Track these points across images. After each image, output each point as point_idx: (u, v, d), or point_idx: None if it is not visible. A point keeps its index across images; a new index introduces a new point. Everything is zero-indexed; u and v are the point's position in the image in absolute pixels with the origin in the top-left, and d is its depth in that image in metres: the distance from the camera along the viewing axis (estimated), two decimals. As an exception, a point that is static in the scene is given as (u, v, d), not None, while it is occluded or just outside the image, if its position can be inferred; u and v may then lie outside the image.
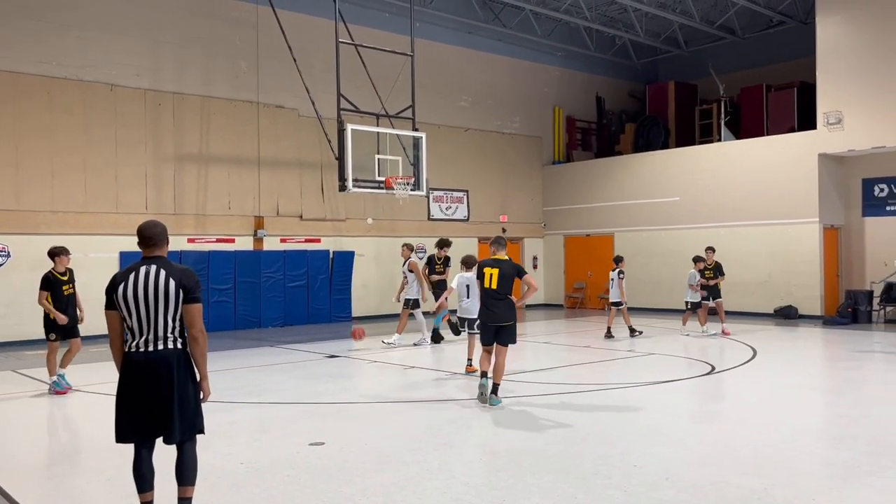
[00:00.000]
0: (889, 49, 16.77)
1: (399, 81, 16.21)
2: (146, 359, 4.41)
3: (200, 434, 4.61)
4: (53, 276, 9.23)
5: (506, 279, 8.29)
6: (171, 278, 4.46)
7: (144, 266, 4.50)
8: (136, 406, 4.40)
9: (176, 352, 4.47)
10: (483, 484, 5.46)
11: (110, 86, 15.84)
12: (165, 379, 4.39)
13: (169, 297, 4.43)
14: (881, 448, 6.34)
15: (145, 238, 4.57)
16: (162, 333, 4.44)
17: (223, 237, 17.26)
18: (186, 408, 4.46)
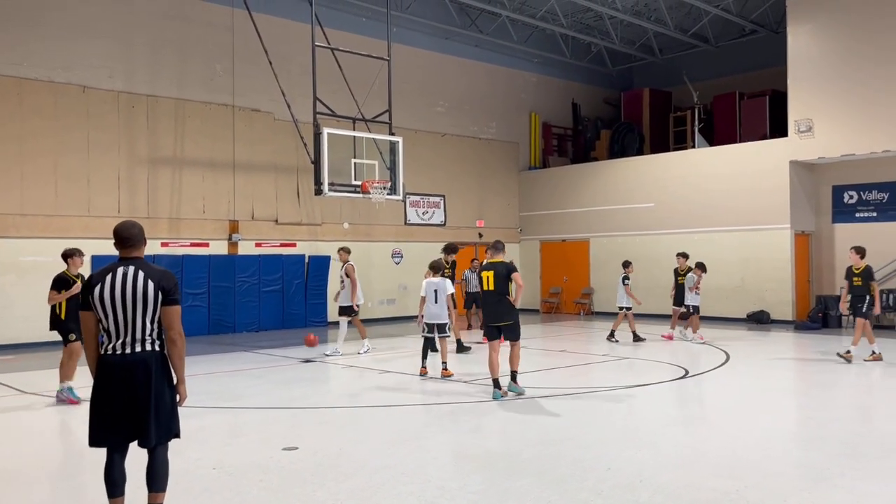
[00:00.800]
0: (859, 58, 17.08)
1: (376, 86, 16.19)
2: (122, 361, 4.33)
3: (176, 438, 4.54)
4: (67, 276, 8.90)
5: (500, 280, 8.96)
6: (149, 280, 4.39)
7: (122, 267, 4.42)
8: (111, 409, 4.31)
9: (154, 354, 4.40)
10: (458, 487, 5.44)
11: (83, 87, 15.64)
12: (142, 382, 4.31)
13: (147, 299, 4.37)
14: (850, 450, 6.43)
15: (123, 238, 4.49)
16: (139, 335, 4.37)
17: (197, 241, 17.09)
18: (163, 411, 4.39)
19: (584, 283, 22.24)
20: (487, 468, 6.00)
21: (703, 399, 9.35)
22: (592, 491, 5.31)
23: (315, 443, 6.87)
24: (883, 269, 17.63)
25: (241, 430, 7.59)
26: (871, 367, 11.65)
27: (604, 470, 5.85)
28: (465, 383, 10.00)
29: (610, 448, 6.61)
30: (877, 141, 16.84)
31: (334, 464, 6.13)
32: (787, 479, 5.68)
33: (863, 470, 5.81)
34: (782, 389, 9.97)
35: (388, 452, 6.47)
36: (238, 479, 5.73)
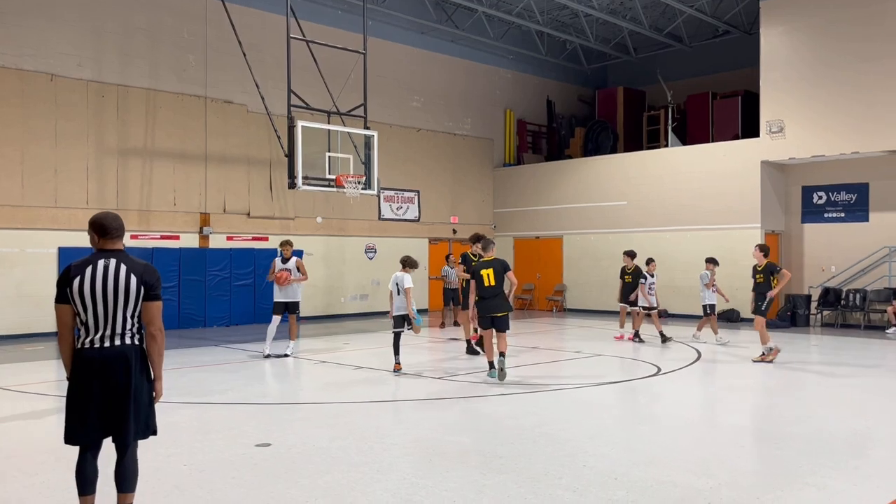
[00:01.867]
0: (830, 61, 17.33)
1: (351, 79, 16.07)
2: (101, 356, 4.21)
3: (153, 435, 4.45)
4: None
5: (498, 276, 9.91)
6: (132, 273, 4.28)
7: (102, 259, 4.28)
8: (88, 405, 4.19)
9: (133, 348, 4.30)
10: (433, 485, 5.41)
11: (50, 76, 15.32)
12: (122, 377, 4.21)
13: (129, 293, 4.26)
14: (820, 447, 6.51)
15: (106, 229, 4.35)
16: (120, 329, 4.26)
17: (168, 234, 16.85)
18: (141, 407, 4.30)
19: (557, 280, 22.33)
20: (462, 465, 5.97)
21: (675, 397, 9.42)
22: (568, 488, 5.31)
23: (288, 439, 6.79)
24: (849, 270, 17.95)
25: (213, 426, 7.48)
26: (842, 366, 11.82)
27: (579, 467, 5.86)
28: (440, 380, 9.97)
29: (585, 445, 6.62)
30: (846, 142, 17.11)
31: (308, 460, 6.06)
32: (759, 476, 5.73)
33: (833, 468, 5.88)
34: (753, 387, 10.08)
35: (362, 449, 6.41)
36: (210, 476, 5.64)
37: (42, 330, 14.42)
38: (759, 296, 11.89)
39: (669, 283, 19.38)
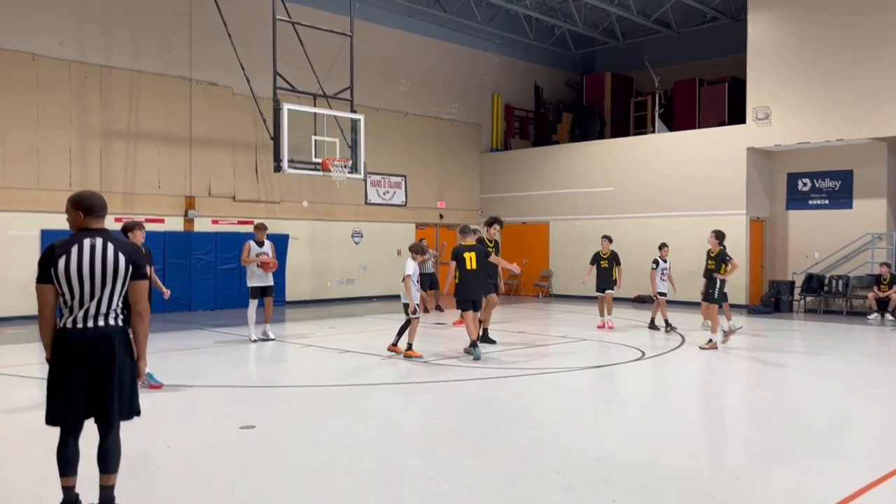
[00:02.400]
0: (816, 49, 17.38)
1: (337, 62, 15.95)
2: (84, 336, 4.16)
3: (137, 416, 4.41)
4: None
5: (481, 259, 10.51)
6: (120, 252, 4.23)
7: (88, 238, 4.20)
8: (71, 387, 4.14)
9: (117, 329, 4.26)
10: (416, 465, 5.43)
11: (32, 55, 15.10)
12: (106, 357, 4.17)
13: (118, 272, 4.20)
14: (800, 430, 6.58)
15: (94, 208, 4.26)
16: (105, 309, 4.21)
17: (152, 217, 16.71)
18: (124, 388, 4.26)
19: (544, 266, 22.38)
20: (446, 447, 6.00)
21: (659, 380, 9.49)
22: (551, 469, 5.34)
23: (273, 421, 6.79)
24: (833, 256, 18.09)
25: (197, 408, 7.47)
26: (824, 351, 11.95)
27: (562, 449, 5.89)
28: (425, 363, 9.99)
29: (568, 427, 6.66)
30: (831, 130, 17.20)
31: (292, 442, 6.07)
32: (740, 457, 5.80)
33: (813, 449, 5.95)
34: (736, 372, 10.17)
35: (346, 431, 6.42)
36: (193, 458, 5.63)
37: (25, 313, 14.30)
38: (710, 282, 11.79)
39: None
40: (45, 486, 4.84)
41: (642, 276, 19.45)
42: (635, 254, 18.05)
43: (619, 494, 4.81)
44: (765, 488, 4.95)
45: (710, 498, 4.76)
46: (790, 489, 4.94)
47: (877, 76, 16.46)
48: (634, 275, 17.00)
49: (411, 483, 5.03)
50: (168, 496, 4.78)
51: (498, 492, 4.86)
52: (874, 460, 5.62)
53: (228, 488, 4.92)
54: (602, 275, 14.06)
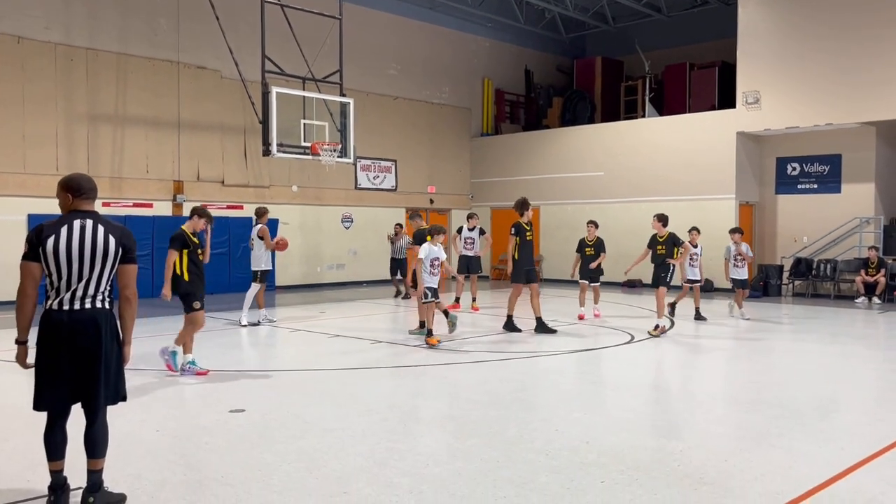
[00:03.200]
0: (806, 33, 17.37)
1: (327, 45, 15.83)
2: (70, 318, 4.12)
3: (123, 401, 4.39)
4: (188, 236, 8.11)
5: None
6: (110, 235, 4.20)
7: (79, 220, 4.17)
8: (58, 369, 4.11)
9: (104, 312, 4.23)
10: (407, 449, 5.44)
11: (17, 38, 14.92)
12: (92, 340, 4.14)
13: (108, 254, 4.18)
14: (788, 412, 6.63)
15: (83, 189, 4.23)
16: (93, 291, 4.18)
17: (140, 201, 16.62)
18: (111, 373, 4.24)
19: (534, 251, 22.36)
20: (436, 430, 6.01)
21: (648, 364, 9.53)
22: (540, 452, 5.36)
23: (262, 405, 6.78)
24: (821, 240, 18.19)
25: (187, 392, 7.45)
26: (811, 334, 12.03)
27: (551, 431, 5.92)
28: (416, 347, 10.00)
29: (557, 410, 6.69)
30: (820, 114, 17.23)
31: (282, 426, 6.07)
32: (727, 440, 5.83)
33: (801, 431, 6.00)
34: (725, 355, 10.23)
35: (336, 415, 6.42)
36: (183, 442, 5.63)
37: (11, 298, 14.20)
38: (661, 266, 11.65)
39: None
40: (33, 471, 4.83)
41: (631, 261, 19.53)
42: (626, 238, 18.10)
43: (607, 476, 4.84)
44: (752, 469, 4.99)
45: (699, 479, 4.79)
46: (777, 470, 4.98)
47: (866, 61, 16.48)
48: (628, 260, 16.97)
49: (401, 466, 5.04)
50: (157, 480, 4.77)
51: (487, 474, 4.88)
52: (860, 441, 5.67)
53: (218, 472, 4.92)
54: (588, 262, 13.44)
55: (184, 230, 8.19)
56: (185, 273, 8.08)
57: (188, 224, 8.28)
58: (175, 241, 8.07)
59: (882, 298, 16.14)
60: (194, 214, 8.34)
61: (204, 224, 8.40)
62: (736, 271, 13.51)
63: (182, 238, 8.09)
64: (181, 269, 8.05)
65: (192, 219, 8.32)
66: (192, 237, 8.15)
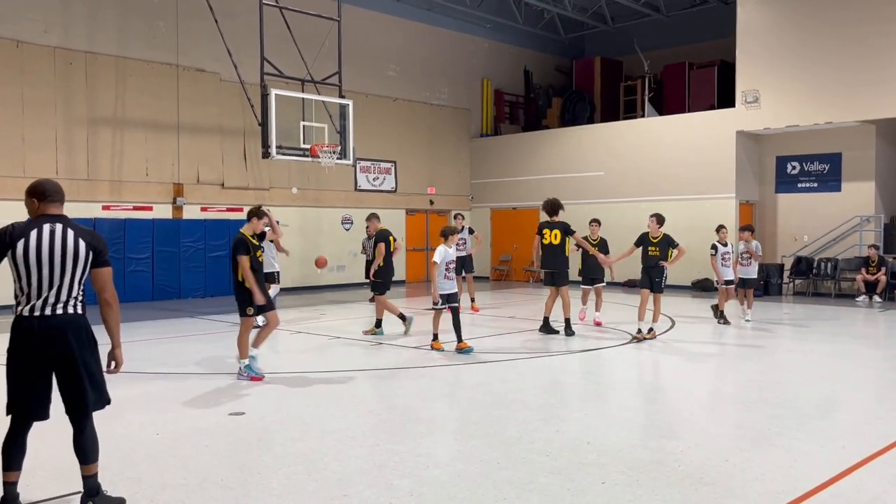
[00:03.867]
0: (805, 32, 17.36)
1: (325, 47, 15.83)
2: (42, 325, 4.04)
3: (108, 404, 4.32)
4: (248, 239, 7.91)
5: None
6: (80, 238, 4.14)
7: (48, 224, 4.11)
8: (32, 376, 4.04)
9: (78, 317, 4.16)
10: (406, 450, 5.43)
11: (16, 42, 14.92)
12: (66, 347, 4.06)
13: (78, 258, 4.12)
14: (787, 411, 6.62)
15: (48, 192, 4.19)
16: (65, 297, 4.11)
17: (140, 205, 16.62)
18: (94, 378, 4.17)
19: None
20: (436, 431, 6.00)
21: (648, 363, 9.52)
22: (540, 452, 5.35)
23: (262, 408, 6.78)
24: (821, 239, 18.17)
25: (186, 395, 7.44)
26: (812, 333, 12.02)
27: (552, 432, 5.91)
28: (414, 349, 9.99)
29: (557, 411, 6.68)
30: (820, 113, 17.22)
31: (281, 428, 6.06)
32: (727, 439, 5.82)
33: (800, 430, 5.99)
34: (725, 354, 10.22)
35: (336, 417, 6.42)
36: (182, 445, 5.62)
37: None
38: (656, 270, 10.95)
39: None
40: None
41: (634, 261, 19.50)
42: (627, 238, 18.03)
43: (608, 477, 4.83)
44: (753, 469, 4.98)
45: (699, 479, 4.78)
46: (778, 469, 4.97)
47: (865, 59, 16.47)
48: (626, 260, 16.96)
49: (401, 468, 5.03)
50: (157, 483, 4.77)
51: (488, 475, 4.87)
52: (861, 441, 5.66)
53: (218, 475, 4.91)
54: (588, 263, 12.70)
55: (244, 234, 7.99)
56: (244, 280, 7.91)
57: (247, 227, 8.06)
58: (240, 248, 7.88)
59: (883, 297, 16.12)
60: (252, 216, 8.12)
61: (264, 224, 8.18)
62: (743, 270, 12.98)
63: (245, 243, 7.90)
64: (241, 275, 7.90)
65: (250, 221, 8.10)
66: (252, 240, 7.97)
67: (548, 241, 11.18)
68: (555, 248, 11.11)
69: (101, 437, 4.40)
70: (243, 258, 7.79)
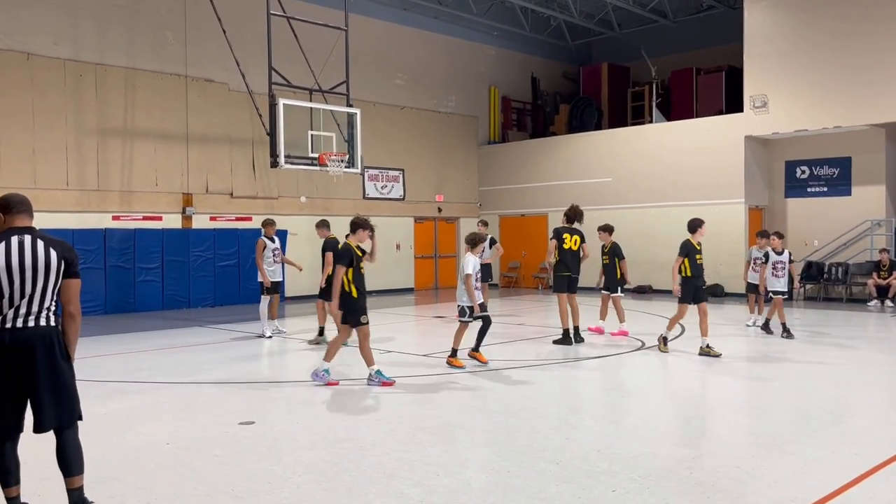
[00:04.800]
0: (813, 36, 17.32)
1: (333, 57, 15.90)
2: (14, 337, 4.00)
3: (79, 420, 4.25)
4: (354, 250, 7.88)
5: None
6: (52, 249, 4.11)
7: (16, 236, 4.07)
8: (3, 391, 3.99)
9: (52, 329, 4.11)
10: (417, 459, 5.42)
11: (27, 54, 15.05)
12: (42, 359, 4.02)
13: (50, 270, 4.08)
14: (800, 417, 6.58)
15: (13, 204, 4.14)
16: (37, 309, 4.06)
17: (150, 214, 16.70)
18: (64, 391, 4.11)
19: (543, 258, 22.23)
20: (446, 440, 5.99)
21: (659, 370, 9.48)
22: (551, 461, 5.33)
23: (272, 417, 6.78)
24: (832, 243, 18.08)
25: (196, 405, 7.46)
26: (824, 337, 11.93)
27: (562, 440, 5.89)
28: (424, 356, 9.98)
29: (568, 419, 6.65)
30: (829, 117, 17.15)
31: (291, 438, 6.06)
32: (739, 446, 5.79)
33: (813, 437, 5.94)
34: (736, 360, 10.15)
35: (346, 426, 6.41)
36: (192, 454, 5.63)
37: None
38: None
39: (654, 259, 19.46)
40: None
41: (642, 267, 19.51)
42: (636, 244, 18.04)
43: (619, 485, 4.81)
44: (765, 476, 4.94)
45: (711, 486, 4.75)
46: (790, 476, 4.94)
47: (874, 63, 16.41)
48: (638, 265, 17.02)
49: (412, 477, 5.02)
50: (167, 493, 4.77)
51: (498, 484, 4.85)
52: (874, 447, 5.61)
53: (228, 484, 4.91)
54: (605, 272, 12.31)
55: (350, 244, 7.90)
56: (353, 290, 7.85)
57: (354, 238, 7.96)
58: (344, 258, 7.82)
59: (895, 301, 16.01)
60: (357, 228, 8.00)
61: (368, 235, 8.09)
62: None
63: (350, 253, 7.82)
64: (349, 286, 7.83)
65: (356, 233, 7.99)
66: (357, 251, 7.89)
67: (568, 247, 11.26)
68: (575, 253, 11.31)
69: (112, 447, 4.43)
70: (340, 267, 7.72)
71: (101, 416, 6.69)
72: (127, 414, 6.97)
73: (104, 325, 13.62)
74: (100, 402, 7.27)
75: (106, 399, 7.44)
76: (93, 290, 14.77)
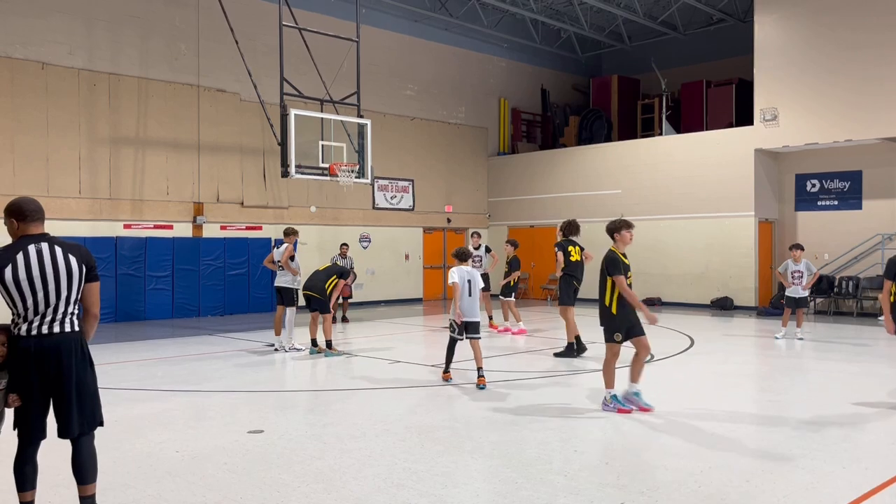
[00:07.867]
0: (823, 49, 17.31)
1: (344, 68, 16.00)
2: (38, 345, 4.01)
3: (100, 426, 4.28)
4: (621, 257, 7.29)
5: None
6: (70, 254, 4.11)
7: (32, 244, 4.05)
8: (33, 396, 4.02)
9: (74, 335, 4.13)
10: (424, 469, 5.42)
11: (41, 64, 15.22)
12: (67, 365, 4.04)
13: (73, 275, 4.09)
14: (809, 431, 6.54)
15: (26, 211, 4.11)
16: (61, 315, 4.07)
17: (161, 223, 16.80)
18: (86, 397, 4.13)
19: (552, 269, 22.21)
20: (454, 450, 5.99)
21: (668, 383, 9.44)
22: (559, 473, 5.33)
23: (281, 426, 6.80)
24: (843, 257, 18.00)
25: (206, 413, 7.48)
26: (834, 352, 11.87)
27: (570, 452, 5.88)
28: (433, 366, 9.98)
29: (576, 430, 6.64)
30: (839, 130, 17.12)
31: (301, 446, 6.08)
32: (749, 459, 5.76)
33: (824, 451, 5.91)
34: (745, 373, 10.12)
35: (354, 436, 6.42)
36: (202, 463, 5.65)
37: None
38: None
39: (662, 272, 19.44)
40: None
41: (651, 280, 19.50)
42: (644, 256, 18.01)
43: (628, 498, 4.80)
44: (775, 490, 4.92)
45: (720, 500, 4.74)
46: (800, 491, 4.92)
47: (885, 76, 16.38)
48: (647, 277, 16.98)
49: (419, 487, 5.03)
50: (177, 501, 4.79)
51: (506, 496, 4.85)
52: (884, 462, 5.58)
53: (237, 493, 4.93)
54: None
55: (616, 252, 7.31)
56: (612, 304, 7.24)
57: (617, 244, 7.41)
58: (616, 266, 7.17)
59: (906, 316, 15.88)
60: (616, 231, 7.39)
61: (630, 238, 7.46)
62: (794, 290, 12.77)
63: (618, 262, 7.22)
64: (609, 299, 7.23)
65: (621, 234, 7.43)
66: (624, 259, 7.29)
67: (575, 259, 11.48)
68: (580, 264, 11.56)
69: (123, 455, 4.45)
70: (620, 278, 7.14)
71: (112, 423, 6.70)
72: (137, 421, 7.01)
73: (115, 333, 13.70)
74: (110, 409, 7.27)
75: (116, 406, 7.48)
76: (103, 299, 14.72)
